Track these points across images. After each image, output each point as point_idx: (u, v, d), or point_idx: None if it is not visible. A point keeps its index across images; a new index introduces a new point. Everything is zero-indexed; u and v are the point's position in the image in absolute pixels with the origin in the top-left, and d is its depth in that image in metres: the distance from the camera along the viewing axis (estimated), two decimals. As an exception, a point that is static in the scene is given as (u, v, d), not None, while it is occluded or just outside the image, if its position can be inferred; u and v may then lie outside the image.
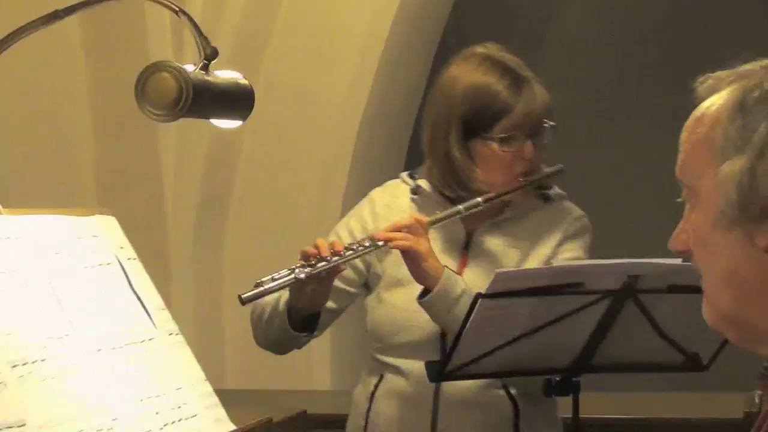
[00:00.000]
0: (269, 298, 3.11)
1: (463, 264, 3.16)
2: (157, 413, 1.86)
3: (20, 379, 1.64)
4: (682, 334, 2.83)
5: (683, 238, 1.64)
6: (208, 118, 2.25)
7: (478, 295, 2.70)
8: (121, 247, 2.02)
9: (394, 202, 3.21)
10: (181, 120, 2.16)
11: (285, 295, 3.12)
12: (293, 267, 2.96)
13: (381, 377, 3.23)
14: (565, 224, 3.18)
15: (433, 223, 3.07)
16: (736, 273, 1.57)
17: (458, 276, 3.03)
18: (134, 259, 2.03)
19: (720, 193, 1.56)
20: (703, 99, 1.63)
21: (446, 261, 3.10)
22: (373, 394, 3.22)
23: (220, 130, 2.71)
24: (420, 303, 3.03)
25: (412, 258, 3.02)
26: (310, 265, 2.97)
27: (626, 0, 7.47)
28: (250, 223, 3.30)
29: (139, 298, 1.98)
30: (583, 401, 2.96)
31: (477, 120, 3.10)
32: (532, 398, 3.10)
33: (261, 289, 2.93)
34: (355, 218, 3.26)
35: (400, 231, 3.05)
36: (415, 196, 3.19)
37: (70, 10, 2.12)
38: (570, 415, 2.98)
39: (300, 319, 3.12)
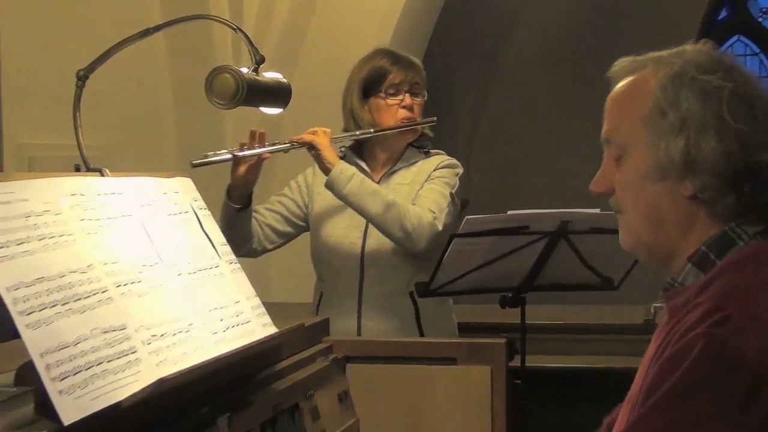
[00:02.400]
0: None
1: None
2: (221, 320, 1.86)
3: (122, 295, 1.65)
4: (600, 263, 2.90)
5: (605, 182, 1.65)
6: (258, 107, 2.25)
7: (452, 236, 2.71)
8: (195, 200, 2.02)
9: None
10: (238, 108, 2.15)
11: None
12: (232, 149, 3.00)
13: (321, 293, 3.29)
14: (436, 164, 3.23)
15: (335, 137, 3.16)
16: (658, 212, 1.59)
17: (352, 166, 3.12)
18: (204, 208, 2.03)
19: (653, 154, 1.56)
20: (619, 78, 1.65)
21: None
22: (317, 305, 3.29)
23: (266, 115, 2.69)
24: (325, 185, 3.07)
25: (315, 151, 3.08)
26: (240, 150, 3.00)
27: None
28: (288, 182, 3.29)
29: (208, 237, 1.99)
30: (528, 311, 2.94)
31: (370, 84, 3.20)
32: (430, 303, 3.14)
33: (207, 159, 2.90)
34: (302, 175, 3.35)
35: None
36: (341, 154, 3.23)
37: (158, 28, 2.13)
38: (519, 321, 2.96)
39: (237, 198, 3.11)
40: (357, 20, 5.41)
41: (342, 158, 3.18)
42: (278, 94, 2.26)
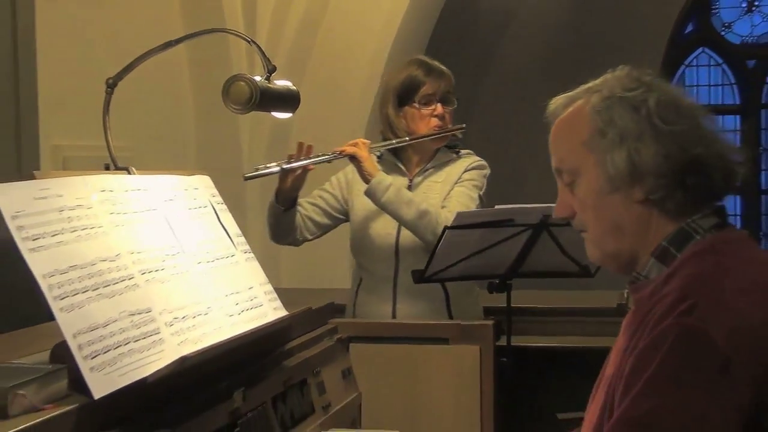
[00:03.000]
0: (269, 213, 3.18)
1: None
2: (236, 304, 1.86)
3: (147, 281, 1.64)
4: (578, 253, 2.88)
5: (563, 208, 1.66)
6: (270, 112, 2.24)
7: (445, 228, 2.70)
8: (213, 195, 2.02)
9: None
10: (252, 112, 2.14)
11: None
12: (280, 162, 2.99)
13: (360, 279, 3.25)
14: (466, 165, 3.20)
15: (374, 146, 3.13)
16: (616, 222, 1.59)
17: (389, 177, 3.08)
18: (221, 203, 2.03)
19: (601, 170, 1.57)
20: (557, 114, 1.66)
21: None
22: (357, 290, 3.24)
23: (277, 119, 2.68)
24: (365, 194, 3.05)
25: (356, 162, 3.05)
26: (287, 162, 3.00)
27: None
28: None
29: (224, 229, 1.98)
30: (513, 296, 2.94)
31: (405, 94, 3.16)
32: (459, 289, 3.11)
33: (258, 172, 2.96)
34: (342, 172, 3.30)
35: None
36: (379, 153, 3.22)
37: (179, 40, 2.12)
38: (505, 305, 2.96)
39: (284, 201, 3.11)
40: (358, 35, 5.42)
41: (379, 158, 3.18)
42: (288, 100, 2.26)
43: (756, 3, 8.63)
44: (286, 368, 2.01)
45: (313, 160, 3.01)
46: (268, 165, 2.97)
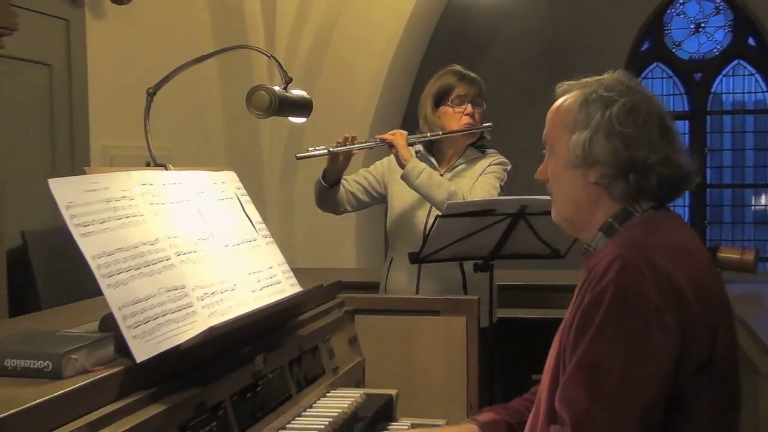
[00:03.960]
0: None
1: None
2: (258, 281, 1.86)
3: (182, 262, 1.63)
4: (551, 238, 2.88)
5: (543, 172, 1.72)
6: (287, 117, 2.22)
7: (437, 217, 2.69)
8: (238, 188, 2.00)
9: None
10: (272, 117, 2.13)
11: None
12: (328, 146, 3.00)
13: (392, 258, 3.22)
14: (490, 161, 3.19)
15: (411, 137, 3.11)
16: (574, 194, 1.66)
17: (422, 162, 3.05)
18: (245, 195, 2.01)
19: (571, 150, 1.64)
20: (559, 96, 1.71)
21: None
22: (388, 268, 3.22)
23: (293, 123, 2.67)
24: (401, 177, 3.04)
25: (394, 149, 3.04)
26: (335, 146, 3.01)
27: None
28: (309, 177, 3.28)
29: (248, 217, 1.97)
30: (495, 274, 2.95)
31: (442, 95, 3.15)
32: (473, 271, 3.02)
33: (308, 153, 2.95)
34: (386, 159, 3.26)
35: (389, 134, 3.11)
36: (416, 154, 3.16)
37: (209, 55, 2.09)
38: (488, 282, 2.96)
39: (329, 179, 3.14)
40: (363, 52, 5.44)
41: (417, 153, 3.14)
42: (303, 107, 2.24)
43: (702, 25, 8.66)
44: (300, 336, 2.01)
45: (356, 146, 3.02)
46: (317, 147, 2.96)
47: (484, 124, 3.17)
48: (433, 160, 3.20)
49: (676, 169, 1.59)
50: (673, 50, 8.71)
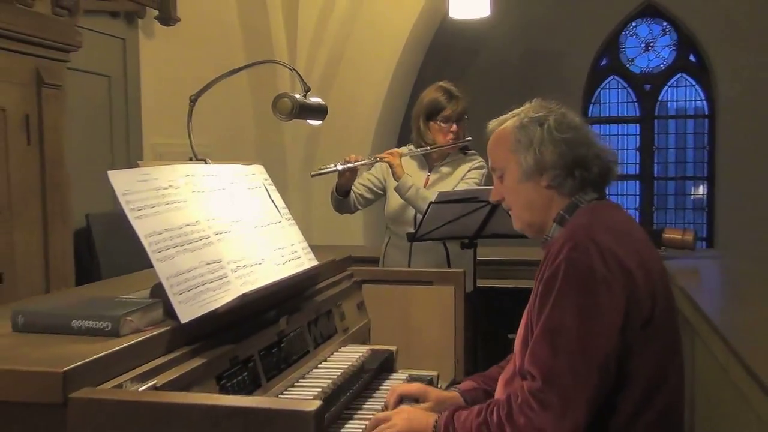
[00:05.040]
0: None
1: (426, 182, 3.15)
2: (282, 256, 1.85)
3: (218, 240, 1.63)
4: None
5: (497, 194, 1.74)
6: (306, 120, 2.21)
7: (430, 203, 2.67)
8: (266, 179, 2.00)
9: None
10: (293, 120, 2.12)
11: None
12: (336, 163, 3.03)
13: (389, 238, 3.21)
14: (471, 164, 3.15)
15: (405, 154, 3.13)
16: (530, 201, 1.67)
17: (411, 178, 3.06)
18: (271, 185, 2.00)
19: (519, 167, 1.66)
20: (494, 130, 1.73)
21: (419, 178, 3.15)
22: (385, 246, 3.22)
23: (311, 125, 2.65)
24: (394, 189, 3.06)
25: (391, 167, 3.09)
26: (343, 164, 3.03)
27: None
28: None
29: (274, 203, 1.96)
30: (478, 251, 2.96)
31: (432, 112, 3.10)
32: (455, 249, 3.04)
33: (320, 171, 3.00)
34: (381, 164, 3.24)
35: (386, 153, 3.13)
36: (408, 155, 3.17)
37: (241, 68, 2.07)
38: (468, 257, 2.95)
39: (341, 191, 3.16)
40: (370, 65, 5.40)
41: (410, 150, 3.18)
42: (319, 112, 2.22)
43: (651, 44, 8.64)
44: (317, 302, 2.00)
45: (359, 163, 3.04)
46: (327, 166, 3.01)
47: (465, 139, 3.15)
48: (424, 159, 3.18)
49: (605, 158, 1.65)
50: (627, 65, 8.70)
